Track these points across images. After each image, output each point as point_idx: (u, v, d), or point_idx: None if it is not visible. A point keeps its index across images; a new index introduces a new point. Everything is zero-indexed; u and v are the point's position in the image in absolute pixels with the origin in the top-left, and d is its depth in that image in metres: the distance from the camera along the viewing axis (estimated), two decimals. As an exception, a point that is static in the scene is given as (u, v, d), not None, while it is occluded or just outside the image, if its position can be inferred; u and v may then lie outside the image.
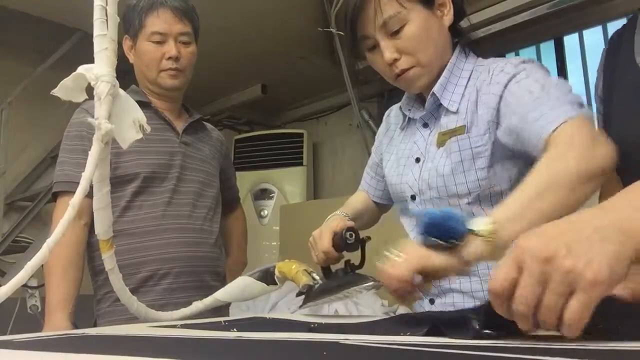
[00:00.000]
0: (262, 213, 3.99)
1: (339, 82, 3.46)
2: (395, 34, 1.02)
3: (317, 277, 1.02)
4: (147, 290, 1.40)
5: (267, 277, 1.10)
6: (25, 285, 2.86)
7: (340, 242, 1.01)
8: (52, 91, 0.76)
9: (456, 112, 1.06)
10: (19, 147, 3.18)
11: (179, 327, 0.90)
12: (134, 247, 1.41)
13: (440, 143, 1.06)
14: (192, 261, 1.45)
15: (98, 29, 0.76)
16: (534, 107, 0.90)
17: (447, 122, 1.07)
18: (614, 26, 2.93)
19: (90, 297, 1.47)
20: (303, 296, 1.01)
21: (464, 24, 1.13)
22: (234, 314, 1.31)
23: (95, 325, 1.44)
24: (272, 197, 4.01)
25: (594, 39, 3.04)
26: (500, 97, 0.98)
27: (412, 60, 1.04)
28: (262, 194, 4.04)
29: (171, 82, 1.50)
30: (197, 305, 1.15)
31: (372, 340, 0.59)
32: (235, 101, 4.15)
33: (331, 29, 2.98)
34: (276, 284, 1.10)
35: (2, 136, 3.18)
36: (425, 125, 1.12)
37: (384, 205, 1.30)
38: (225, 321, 0.96)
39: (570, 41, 3.14)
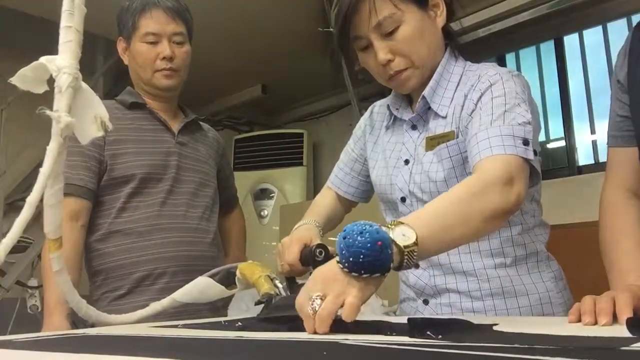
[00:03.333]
0: (262, 213, 3.99)
1: (339, 82, 3.46)
2: (389, 34, 1.02)
3: (279, 286, 0.98)
4: (144, 289, 1.40)
5: (230, 278, 1.06)
6: (25, 285, 2.87)
7: (309, 257, 0.98)
8: (10, 79, 0.72)
9: (445, 117, 1.06)
10: (19, 147, 3.18)
11: (179, 327, 0.90)
12: (129, 247, 1.41)
13: (429, 147, 1.06)
14: (189, 260, 1.45)
15: (65, 21, 0.73)
16: (482, 129, 0.95)
17: (435, 127, 1.07)
18: (614, 26, 2.93)
19: (88, 298, 1.47)
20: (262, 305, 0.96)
21: (455, 26, 1.14)
22: (235, 315, 1.31)
23: (93, 326, 1.44)
24: (272, 197, 4.01)
25: (594, 39, 3.04)
26: (476, 104, 1.01)
27: (406, 62, 1.03)
28: (262, 194, 4.04)
29: (166, 82, 1.50)
30: (155, 307, 1.10)
31: (372, 340, 0.59)
32: (235, 101, 4.15)
33: (331, 29, 2.98)
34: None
35: (2, 136, 3.17)
36: (414, 127, 1.12)
37: (353, 202, 1.29)
38: (225, 321, 0.96)
39: (570, 41, 3.14)
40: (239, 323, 0.88)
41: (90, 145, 1.41)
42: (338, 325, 0.69)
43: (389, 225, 0.73)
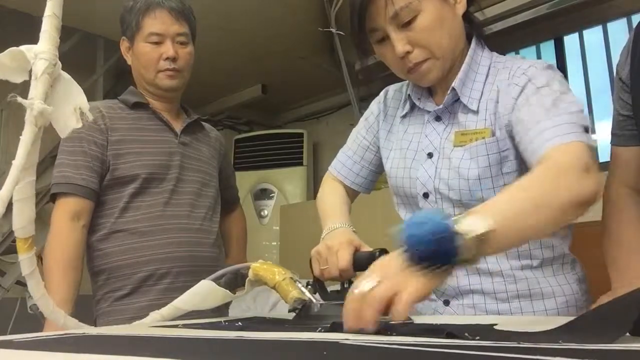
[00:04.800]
0: (262, 213, 3.99)
1: (339, 82, 3.46)
2: (406, 25, 0.96)
3: (305, 290, 0.89)
4: (147, 289, 1.41)
5: (237, 279, 0.99)
6: (25, 285, 2.86)
7: (367, 263, 0.85)
8: None
9: (476, 112, 1.01)
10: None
11: (179, 327, 0.90)
12: (132, 247, 1.42)
13: (459, 142, 1.01)
14: (192, 261, 1.46)
15: (47, 10, 0.71)
16: (540, 119, 0.89)
17: (465, 121, 1.02)
18: (614, 26, 2.93)
19: (90, 297, 1.47)
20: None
21: (479, 16, 1.09)
22: (235, 315, 1.31)
23: (94, 325, 1.44)
24: (272, 197, 4.01)
25: (594, 39, 3.04)
26: (516, 99, 0.96)
27: (425, 53, 0.98)
28: (262, 194, 4.04)
29: (169, 83, 1.50)
30: (154, 317, 1.04)
31: (372, 340, 0.59)
32: (235, 101, 4.15)
33: (331, 29, 2.98)
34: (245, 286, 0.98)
35: (2, 136, 3.18)
36: (438, 118, 1.06)
37: (357, 193, 1.23)
38: (225, 321, 0.96)
39: (570, 41, 3.14)
40: (239, 323, 0.88)
41: (93, 145, 1.42)
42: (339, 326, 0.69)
43: (457, 215, 0.69)
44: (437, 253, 0.65)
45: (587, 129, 0.88)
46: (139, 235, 1.42)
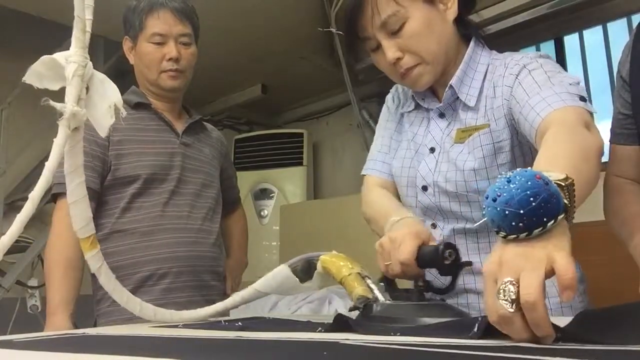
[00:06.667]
0: (262, 213, 3.99)
1: (339, 82, 3.46)
2: (396, 32, 0.99)
3: (374, 287, 0.81)
4: (147, 290, 1.41)
5: (310, 269, 0.91)
6: (25, 285, 2.87)
7: (433, 258, 0.80)
8: (24, 78, 0.69)
9: (475, 109, 1.03)
10: (19, 147, 3.18)
11: (179, 327, 0.90)
12: (132, 247, 1.42)
13: (460, 139, 1.03)
14: (192, 261, 1.46)
15: (75, 12, 0.70)
16: (538, 91, 0.90)
17: (466, 118, 1.04)
18: (614, 26, 2.93)
19: (91, 297, 1.47)
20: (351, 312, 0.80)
21: (475, 19, 1.10)
22: (234, 314, 1.31)
23: (95, 325, 1.45)
24: (272, 197, 4.01)
25: (594, 39, 3.04)
26: (512, 87, 0.98)
27: (416, 58, 1.01)
28: (262, 194, 4.04)
29: (171, 83, 1.50)
30: (234, 299, 1.01)
31: (372, 340, 0.59)
32: (235, 101, 4.15)
33: (331, 29, 2.98)
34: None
35: (2, 136, 3.17)
36: (442, 115, 1.08)
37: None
38: (225, 321, 0.96)
39: (570, 41, 3.14)
40: (239, 323, 0.88)
41: (95, 145, 1.42)
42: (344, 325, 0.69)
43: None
44: (550, 197, 0.54)
45: (585, 99, 0.89)
46: (139, 235, 1.43)
